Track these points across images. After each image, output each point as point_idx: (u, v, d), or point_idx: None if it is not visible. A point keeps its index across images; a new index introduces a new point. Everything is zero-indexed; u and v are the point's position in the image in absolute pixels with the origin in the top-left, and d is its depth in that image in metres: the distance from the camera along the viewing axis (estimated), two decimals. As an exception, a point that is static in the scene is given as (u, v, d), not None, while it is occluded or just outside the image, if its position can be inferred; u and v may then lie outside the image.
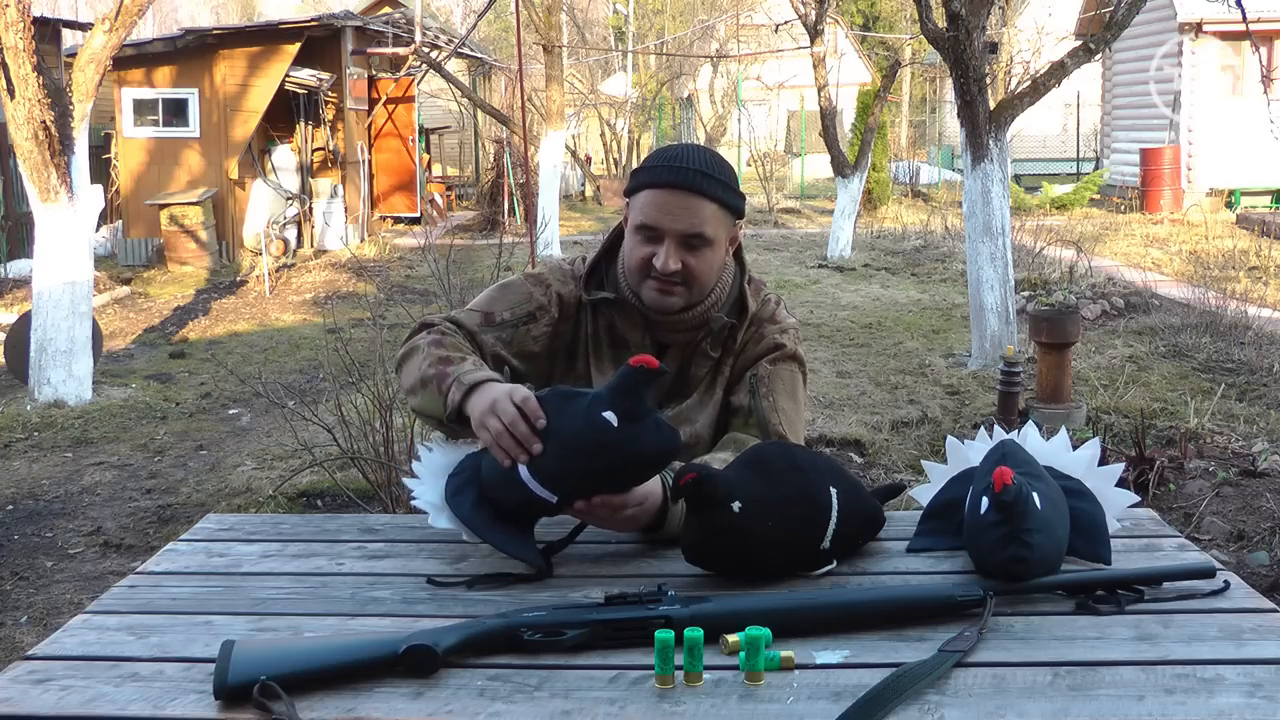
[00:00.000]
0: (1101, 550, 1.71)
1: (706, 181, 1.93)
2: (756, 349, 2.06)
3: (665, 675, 1.33)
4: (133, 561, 4.49)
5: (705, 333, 2.04)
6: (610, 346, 2.07)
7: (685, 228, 1.93)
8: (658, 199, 1.94)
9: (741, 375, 2.06)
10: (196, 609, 1.61)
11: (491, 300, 2.07)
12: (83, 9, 27.93)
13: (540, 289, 2.07)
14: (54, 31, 12.77)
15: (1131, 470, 4.79)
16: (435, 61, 15.49)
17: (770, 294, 2.14)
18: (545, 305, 2.06)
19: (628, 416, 1.63)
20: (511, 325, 2.04)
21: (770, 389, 2.03)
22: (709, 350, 2.06)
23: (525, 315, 2.05)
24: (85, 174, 7.20)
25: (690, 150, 1.98)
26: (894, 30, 29.48)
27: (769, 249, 15.07)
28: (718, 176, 1.95)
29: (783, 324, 2.10)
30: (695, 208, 1.93)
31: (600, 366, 2.06)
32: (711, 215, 1.94)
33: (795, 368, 2.08)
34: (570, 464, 1.66)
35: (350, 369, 5.19)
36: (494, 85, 21.20)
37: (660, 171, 1.95)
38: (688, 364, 2.07)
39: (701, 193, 1.93)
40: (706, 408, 2.06)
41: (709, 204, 1.93)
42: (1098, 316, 9.24)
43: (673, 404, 2.05)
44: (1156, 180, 17.30)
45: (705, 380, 2.07)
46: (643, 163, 2.01)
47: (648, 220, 1.94)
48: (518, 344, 2.04)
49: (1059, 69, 7.78)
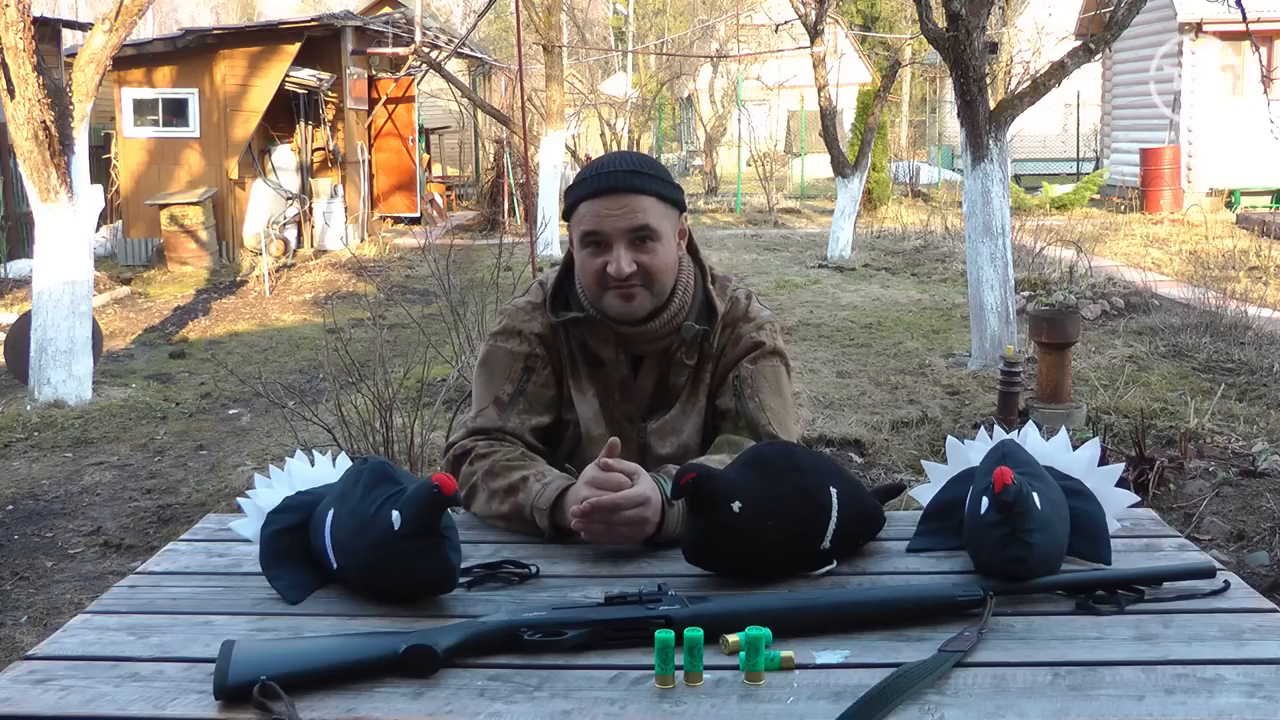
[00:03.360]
0: (1101, 550, 1.71)
1: (638, 178, 1.94)
2: (736, 350, 2.05)
3: (665, 675, 1.33)
4: (133, 561, 4.49)
5: (678, 341, 2.03)
6: (586, 365, 2.05)
7: (628, 224, 1.93)
8: (595, 207, 1.94)
9: (724, 378, 2.05)
10: (196, 609, 1.61)
11: (487, 385, 2.06)
12: (83, 9, 27.93)
13: (516, 340, 2.06)
14: (54, 31, 12.77)
15: (1131, 470, 4.79)
16: (435, 61, 15.49)
17: (739, 289, 2.12)
18: (531, 352, 2.05)
19: (412, 526, 1.54)
20: (520, 393, 2.03)
21: (755, 389, 2.02)
22: (684, 359, 2.04)
23: (522, 374, 2.04)
24: (85, 174, 7.20)
25: (617, 155, 2.01)
26: (894, 30, 29.48)
27: (769, 249, 15.07)
28: (648, 172, 1.96)
29: (758, 319, 2.08)
30: (633, 204, 1.93)
31: (580, 386, 2.05)
32: (651, 207, 1.95)
33: (776, 362, 2.07)
34: (354, 542, 1.60)
35: (350, 369, 5.20)
36: (494, 85, 21.21)
37: (591, 181, 1.96)
38: (665, 374, 2.05)
39: (635, 189, 1.94)
40: (691, 416, 2.05)
41: (645, 198, 1.94)
42: (1098, 316, 9.23)
43: (656, 416, 2.04)
44: (1156, 180, 17.30)
45: (686, 388, 2.05)
46: (574, 180, 2.01)
47: (590, 228, 1.94)
48: (537, 403, 2.04)
49: (1059, 69, 7.78)
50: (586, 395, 2.05)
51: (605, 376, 2.05)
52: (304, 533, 1.70)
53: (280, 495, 1.75)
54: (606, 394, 2.05)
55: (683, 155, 30.51)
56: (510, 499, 1.90)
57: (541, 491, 1.86)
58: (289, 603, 1.62)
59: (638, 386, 2.06)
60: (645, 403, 2.06)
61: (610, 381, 2.05)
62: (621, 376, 2.05)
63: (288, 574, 1.66)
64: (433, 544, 1.55)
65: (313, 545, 1.68)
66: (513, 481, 1.91)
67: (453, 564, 1.58)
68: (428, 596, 1.60)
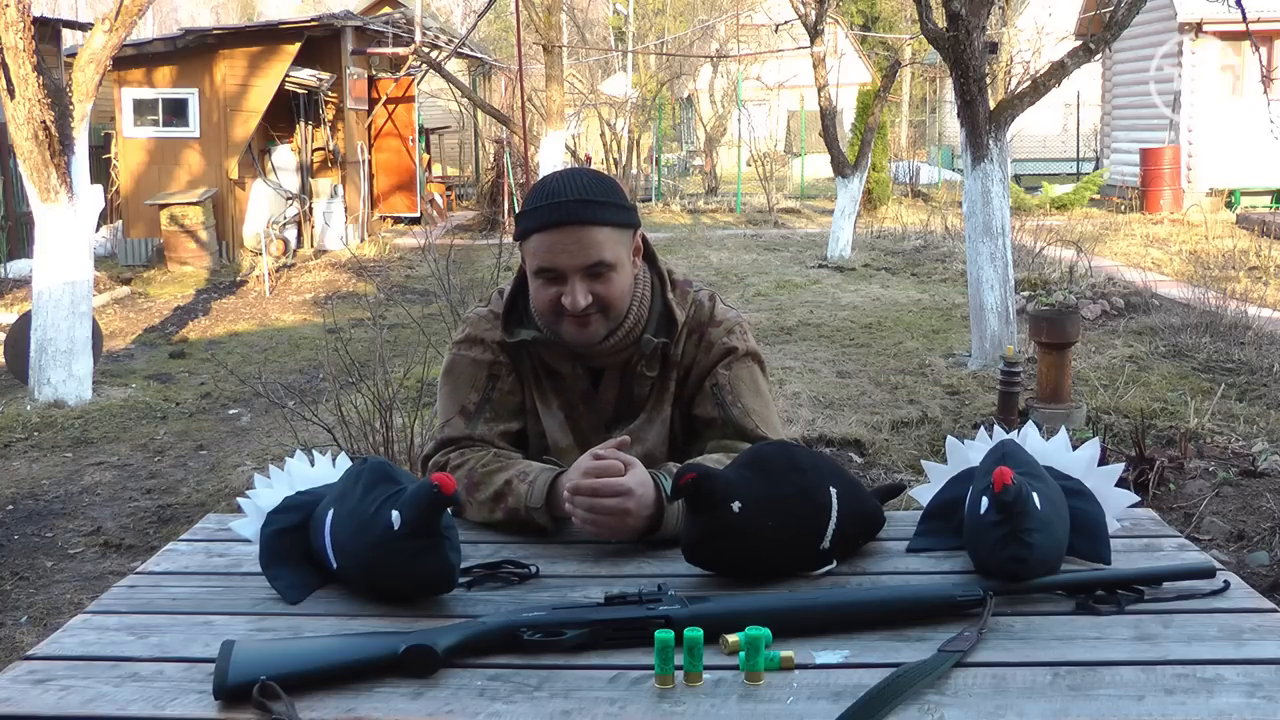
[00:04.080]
0: (1101, 550, 1.71)
1: (590, 209, 1.87)
2: (708, 358, 2.03)
3: (665, 675, 1.33)
4: (133, 561, 4.49)
5: (637, 355, 2.01)
6: (548, 379, 2.04)
7: (583, 261, 1.87)
8: (547, 241, 1.87)
9: (700, 386, 2.02)
10: (196, 609, 1.61)
11: (453, 395, 2.04)
12: (83, 9, 27.93)
13: (479, 349, 2.04)
14: (54, 31, 12.77)
15: (1131, 470, 4.79)
16: (435, 61, 15.50)
17: (701, 292, 2.08)
18: (495, 359, 2.03)
19: (411, 526, 1.54)
20: (485, 401, 2.02)
21: (735, 394, 2.01)
22: (645, 370, 2.02)
23: (486, 382, 2.03)
24: (85, 174, 7.20)
25: (567, 180, 1.90)
26: (894, 30, 29.49)
27: (769, 249, 15.07)
28: (600, 199, 1.88)
29: (726, 323, 2.05)
30: (587, 239, 1.86)
31: (545, 399, 2.04)
32: (605, 239, 1.88)
33: (751, 363, 2.05)
34: (353, 542, 1.60)
35: (350, 369, 5.20)
36: (494, 85, 21.21)
37: (542, 213, 1.88)
38: (628, 386, 2.04)
39: (588, 221, 1.86)
40: (655, 424, 2.03)
41: (599, 229, 1.87)
42: (1098, 316, 9.23)
43: (621, 426, 2.03)
44: (1156, 180, 17.29)
45: (651, 398, 2.04)
46: (525, 206, 1.93)
47: (544, 264, 1.89)
48: (503, 410, 2.03)
49: (1059, 69, 7.78)
50: (551, 407, 2.04)
51: (566, 390, 2.04)
52: (304, 533, 1.70)
53: (280, 495, 1.75)
54: (570, 406, 2.04)
55: (683, 155, 30.52)
56: (500, 505, 1.90)
57: (530, 491, 1.86)
58: (288, 603, 1.62)
59: (600, 399, 2.04)
60: (609, 414, 2.04)
61: (572, 394, 2.04)
62: (582, 389, 2.03)
63: (287, 574, 1.66)
64: (432, 544, 1.55)
65: (312, 545, 1.68)
66: (498, 489, 1.90)
67: (452, 564, 1.58)
68: (427, 597, 1.60)
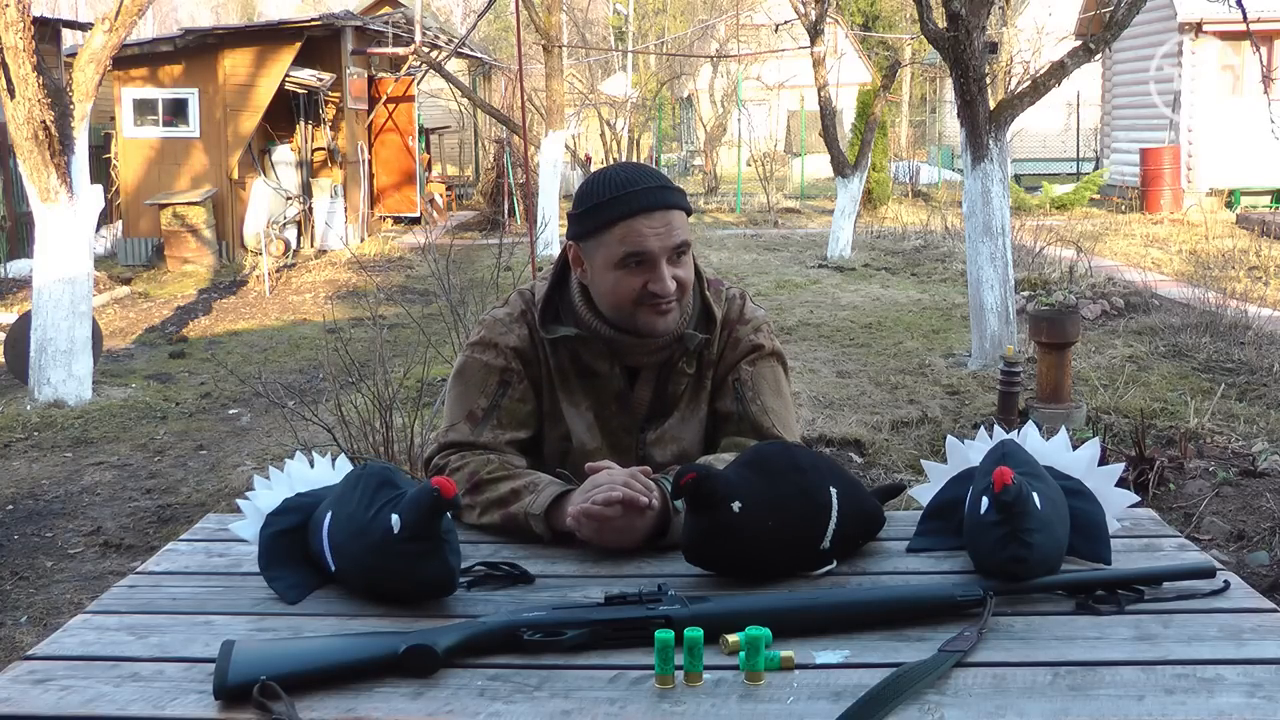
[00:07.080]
0: (1101, 550, 1.71)
1: (669, 194, 1.93)
2: (735, 353, 2.04)
3: (665, 675, 1.33)
4: (133, 561, 4.49)
5: (680, 350, 2.01)
6: (579, 378, 2.03)
7: (671, 243, 1.92)
8: (642, 225, 1.89)
9: (724, 381, 2.04)
10: (196, 609, 1.61)
11: (461, 398, 2.03)
12: (83, 9, 27.92)
13: (493, 354, 2.03)
14: (54, 31, 12.78)
15: (1131, 470, 4.79)
16: (435, 61, 15.50)
17: (732, 289, 2.11)
18: (507, 366, 2.02)
19: (411, 530, 1.54)
20: (494, 408, 2.01)
21: (756, 391, 2.02)
22: (685, 367, 2.03)
23: (496, 388, 2.02)
24: (85, 174, 7.20)
25: (632, 170, 1.95)
26: (894, 30, 29.48)
27: (769, 249, 15.07)
28: (672, 186, 1.95)
29: (754, 321, 2.08)
30: (674, 220, 1.92)
31: (572, 399, 2.03)
32: (683, 222, 1.95)
33: (775, 363, 2.07)
34: (352, 545, 1.60)
35: (350, 369, 5.20)
36: (494, 85, 21.21)
37: (631, 199, 1.90)
38: (663, 383, 2.04)
39: (673, 205, 1.93)
40: (691, 423, 2.04)
41: (679, 212, 1.94)
42: (1098, 316, 9.23)
43: (654, 425, 2.03)
44: (1156, 180, 17.29)
45: (686, 396, 2.04)
46: (594, 200, 1.93)
47: (638, 248, 1.90)
48: (512, 418, 2.02)
49: (1059, 69, 7.78)
50: (580, 408, 2.03)
51: (600, 389, 2.03)
52: (303, 534, 1.70)
53: (279, 497, 1.75)
54: (601, 406, 2.03)
55: (683, 155, 30.51)
56: (504, 510, 1.89)
57: (535, 499, 1.86)
58: (288, 603, 1.62)
59: (635, 398, 2.04)
60: (643, 413, 2.04)
61: (606, 394, 2.03)
62: (618, 389, 2.03)
63: (287, 575, 1.66)
64: (432, 547, 1.55)
65: (311, 548, 1.68)
66: (502, 494, 1.90)
67: (452, 567, 1.58)
68: (428, 600, 1.60)
